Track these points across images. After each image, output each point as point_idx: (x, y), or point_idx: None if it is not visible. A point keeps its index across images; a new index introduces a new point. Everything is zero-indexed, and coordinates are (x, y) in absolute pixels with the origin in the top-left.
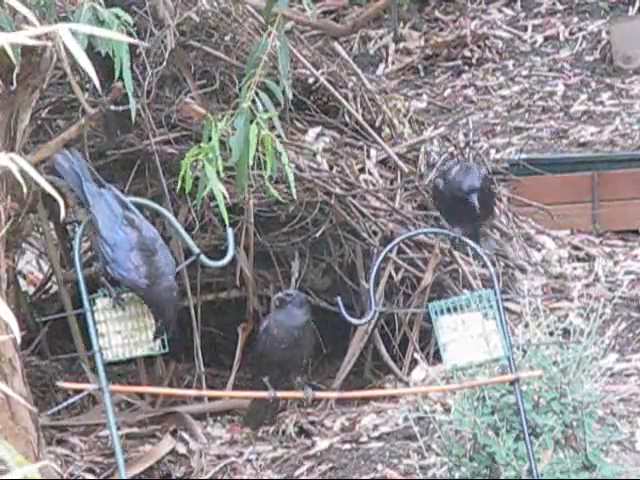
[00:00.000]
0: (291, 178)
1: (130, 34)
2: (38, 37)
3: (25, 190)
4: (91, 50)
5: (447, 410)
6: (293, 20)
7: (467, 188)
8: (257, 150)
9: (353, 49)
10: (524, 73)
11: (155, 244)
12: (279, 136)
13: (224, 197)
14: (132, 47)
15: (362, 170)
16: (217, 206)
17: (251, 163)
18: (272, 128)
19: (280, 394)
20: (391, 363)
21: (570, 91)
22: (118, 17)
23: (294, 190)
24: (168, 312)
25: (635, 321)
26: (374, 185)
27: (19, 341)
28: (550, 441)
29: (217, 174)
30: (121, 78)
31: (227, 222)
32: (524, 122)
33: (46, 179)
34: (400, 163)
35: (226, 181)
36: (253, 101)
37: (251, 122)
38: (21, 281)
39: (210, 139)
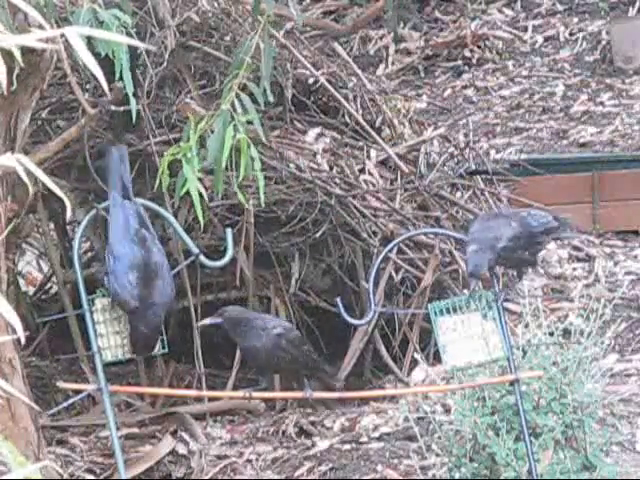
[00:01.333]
0: (261, 184)
1: (130, 35)
2: (42, 39)
3: (32, 191)
4: (91, 51)
5: (447, 410)
6: (293, 20)
7: (471, 268)
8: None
9: (353, 49)
10: (524, 73)
11: (159, 269)
12: (279, 136)
13: (222, 197)
14: (133, 48)
15: (362, 170)
16: (217, 206)
17: (224, 165)
18: (272, 129)
19: (280, 394)
20: (391, 363)
21: (570, 91)
22: (118, 18)
23: (262, 197)
24: (141, 343)
25: (635, 321)
26: (374, 185)
27: (23, 342)
28: (550, 441)
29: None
30: (121, 79)
31: (202, 222)
32: (524, 122)
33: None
34: (400, 164)
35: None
36: (234, 103)
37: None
38: (21, 281)
39: (189, 138)
